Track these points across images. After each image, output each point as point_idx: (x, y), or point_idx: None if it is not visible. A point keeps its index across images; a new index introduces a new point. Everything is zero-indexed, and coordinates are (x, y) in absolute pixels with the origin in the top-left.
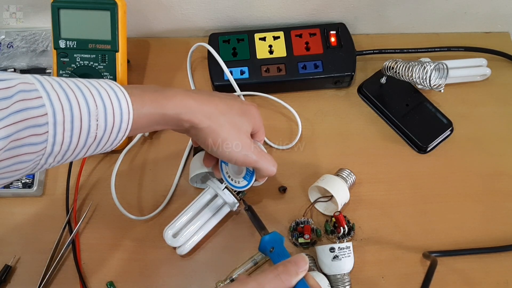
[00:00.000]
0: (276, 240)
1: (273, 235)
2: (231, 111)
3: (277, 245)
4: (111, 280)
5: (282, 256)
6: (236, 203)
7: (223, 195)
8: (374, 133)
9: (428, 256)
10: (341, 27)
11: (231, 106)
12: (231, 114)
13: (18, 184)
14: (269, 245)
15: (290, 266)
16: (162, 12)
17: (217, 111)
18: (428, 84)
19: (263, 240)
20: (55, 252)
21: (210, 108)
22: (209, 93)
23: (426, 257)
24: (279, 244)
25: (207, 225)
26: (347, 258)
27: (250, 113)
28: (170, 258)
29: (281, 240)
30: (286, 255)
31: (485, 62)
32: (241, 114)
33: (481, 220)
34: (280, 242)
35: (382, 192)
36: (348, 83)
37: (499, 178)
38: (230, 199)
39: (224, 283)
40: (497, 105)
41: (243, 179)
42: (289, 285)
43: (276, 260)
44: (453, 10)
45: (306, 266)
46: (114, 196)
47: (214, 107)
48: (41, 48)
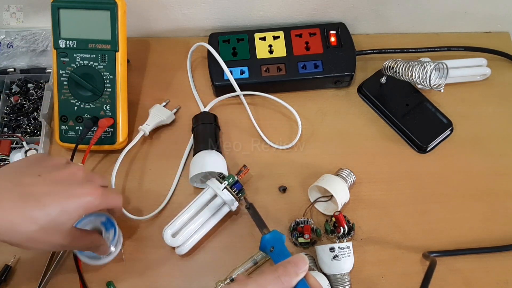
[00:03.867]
0: (276, 239)
1: (274, 234)
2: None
3: (278, 244)
4: (111, 280)
5: (282, 256)
6: (235, 202)
7: (222, 195)
8: (374, 133)
9: (427, 256)
10: (341, 27)
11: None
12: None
13: None
14: (269, 244)
15: (290, 267)
16: (162, 12)
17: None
18: (428, 84)
19: (264, 239)
20: (55, 252)
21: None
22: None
23: (425, 258)
24: (279, 243)
25: (207, 225)
26: (347, 258)
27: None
28: (170, 258)
29: (281, 239)
30: (286, 254)
31: (485, 62)
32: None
33: (481, 220)
34: (280, 241)
35: (382, 192)
36: (348, 83)
37: (499, 178)
38: (229, 199)
39: (224, 283)
40: (497, 105)
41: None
42: (289, 286)
43: (276, 260)
44: (453, 10)
45: (306, 267)
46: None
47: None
48: (41, 48)
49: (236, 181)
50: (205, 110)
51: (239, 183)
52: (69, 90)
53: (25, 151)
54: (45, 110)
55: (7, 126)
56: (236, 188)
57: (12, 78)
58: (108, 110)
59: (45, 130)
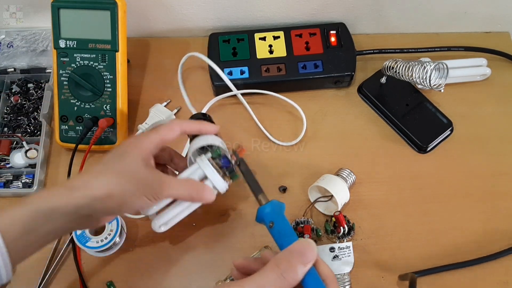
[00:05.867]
0: (276, 212)
1: (272, 205)
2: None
3: (279, 219)
4: (111, 280)
5: (285, 235)
6: (220, 180)
7: (204, 168)
8: (374, 133)
9: (406, 276)
10: (341, 27)
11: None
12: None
13: (18, 183)
14: (267, 218)
15: (295, 260)
16: (162, 12)
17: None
18: (428, 84)
19: (261, 212)
20: (55, 252)
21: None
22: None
23: (402, 278)
24: (280, 217)
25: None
26: (347, 258)
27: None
28: (170, 258)
29: (281, 209)
30: (289, 233)
31: (485, 62)
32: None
33: (481, 220)
34: (281, 214)
35: (382, 192)
36: (348, 83)
37: (500, 178)
38: (211, 172)
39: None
40: (497, 105)
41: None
42: (296, 281)
43: (278, 240)
44: (453, 10)
45: (314, 255)
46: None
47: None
48: (41, 48)
49: (222, 156)
50: (195, 112)
51: (226, 159)
52: (69, 90)
53: (25, 151)
54: (45, 110)
55: (7, 126)
56: (223, 164)
57: (12, 78)
58: (108, 110)
59: (45, 130)
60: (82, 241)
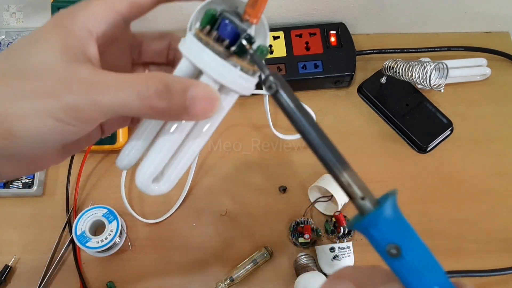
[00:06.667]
0: (402, 227)
1: (394, 210)
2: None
3: (408, 241)
4: (111, 280)
5: (422, 275)
6: (229, 67)
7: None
8: (374, 133)
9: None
10: (341, 27)
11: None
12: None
13: (18, 184)
14: (385, 238)
15: None
16: (162, 12)
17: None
18: (428, 84)
19: (374, 225)
20: (55, 252)
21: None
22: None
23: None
24: (410, 237)
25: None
26: (347, 258)
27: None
28: (170, 258)
29: (404, 223)
30: (436, 271)
31: (485, 62)
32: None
33: (481, 220)
34: (409, 229)
35: (382, 192)
36: (348, 83)
37: (499, 178)
38: (221, 71)
39: (224, 283)
40: (497, 105)
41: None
42: None
43: (405, 276)
44: (453, 10)
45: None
46: (124, 196)
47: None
48: None
49: (222, 18)
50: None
51: (229, 23)
52: None
53: None
54: None
55: None
56: (224, 33)
57: None
58: None
59: None
60: (82, 242)
